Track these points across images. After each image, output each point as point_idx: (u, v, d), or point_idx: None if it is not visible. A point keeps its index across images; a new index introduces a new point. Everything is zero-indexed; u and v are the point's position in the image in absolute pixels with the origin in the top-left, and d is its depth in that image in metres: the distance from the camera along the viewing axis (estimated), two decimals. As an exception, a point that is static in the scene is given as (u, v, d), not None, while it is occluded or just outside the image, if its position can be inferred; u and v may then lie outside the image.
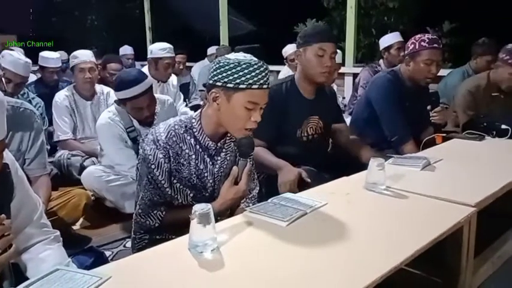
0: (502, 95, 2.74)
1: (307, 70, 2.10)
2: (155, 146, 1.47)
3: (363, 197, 1.57)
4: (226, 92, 1.40)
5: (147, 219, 1.52)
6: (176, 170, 1.50)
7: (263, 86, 1.40)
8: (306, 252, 1.15)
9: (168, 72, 3.68)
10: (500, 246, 1.81)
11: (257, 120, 1.44)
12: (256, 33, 7.82)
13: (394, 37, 3.89)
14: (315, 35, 2.07)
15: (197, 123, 1.51)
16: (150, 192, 1.50)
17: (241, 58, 1.40)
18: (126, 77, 2.43)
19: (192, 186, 1.54)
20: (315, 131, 2.20)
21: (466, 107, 2.76)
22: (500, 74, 2.69)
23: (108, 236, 2.43)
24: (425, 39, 2.38)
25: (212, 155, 1.55)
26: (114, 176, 2.56)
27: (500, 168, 1.91)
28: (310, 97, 2.17)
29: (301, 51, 2.10)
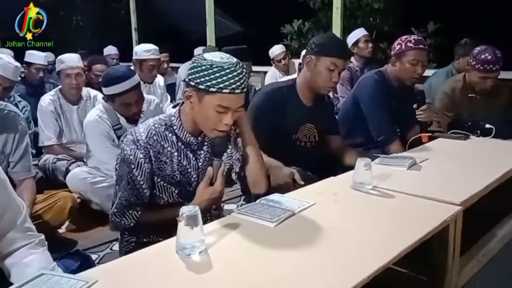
0: (478, 95, 2.78)
1: (314, 80, 2.07)
2: (135, 146, 1.46)
3: (350, 196, 1.57)
4: (198, 92, 1.39)
5: (122, 219, 1.52)
6: (158, 168, 1.50)
7: (235, 90, 1.37)
8: (294, 253, 1.15)
9: (153, 73, 3.66)
10: (485, 244, 1.83)
11: (228, 124, 1.43)
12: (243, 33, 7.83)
13: (359, 32, 4.04)
14: (332, 48, 2.03)
15: (177, 120, 1.51)
16: (128, 192, 1.49)
17: (216, 60, 1.37)
18: (114, 73, 2.43)
19: (176, 183, 1.53)
20: (309, 138, 2.19)
21: (444, 109, 2.79)
22: (472, 78, 2.74)
23: (94, 239, 2.41)
24: (411, 40, 2.41)
25: (195, 150, 1.55)
26: (99, 177, 2.54)
27: (485, 167, 1.94)
28: (308, 104, 2.15)
29: (313, 59, 2.05)
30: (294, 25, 6.03)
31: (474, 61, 2.68)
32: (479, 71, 2.67)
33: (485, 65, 2.63)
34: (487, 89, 2.71)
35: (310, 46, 2.10)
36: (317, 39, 2.11)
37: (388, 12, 5.83)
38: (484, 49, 2.67)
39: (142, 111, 2.56)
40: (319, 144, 2.23)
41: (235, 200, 2.88)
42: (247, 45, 3.78)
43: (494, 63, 2.62)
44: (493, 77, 2.67)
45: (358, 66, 3.93)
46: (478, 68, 2.66)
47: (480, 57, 2.65)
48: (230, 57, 1.41)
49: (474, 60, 2.68)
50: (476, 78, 2.71)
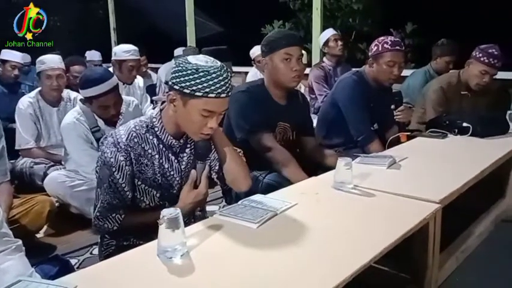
0: (470, 93, 2.84)
1: (276, 77, 2.06)
2: (116, 148, 1.44)
3: (332, 196, 1.59)
4: (183, 96, 1.38)
5: (105, 223, 1.50)
6: (139, 171, 1.48)
7: (221, 95, 1.36)
8: (276, 254, 1.15)
9: (133, 74, 3.61)
10: (464, 241, 1.87)
11: (213, 127, 1.42)
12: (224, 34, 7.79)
13: (328, 32, 4.11)
14: (279, 41, 2.04)
15: (158, 122, 1.49)
16: (110, 195, 1.47)
17: (200, 64, 1.36)
18: (91, 75, 2.39)
19: (158, 186, 1.52)
20: (283, 137, 2.17)
21: (437, 103, 2.82)
22: (471, 71, 2.78)
23: (74, 244, 2.36)
24: (388, 41, 2.44)
25: (177, 152, 1.53)
26: (78, 181, 2.50)
27: (463, 165, 1.98)
28: (282, 103, 2.14)
29: (267, 60, 2.07)
30: (275, 26, 6.04)
31: (480, 53, 2.73)
32: (483, 64, 2.71)
33: (490, 59, 2.68)
34: (481, 85, 2.76)
35: (261, 51, 2.12)
36: (264, 41, 2.11)
37: (367, 13, 5.90)
38: (491, 45, 2.74)
39: (121, 112, 2.53)
40: (295, 143, 2.23)
41: (217, 201, 2.86)
42: (227, 45, 3.77)
43: (498, 59, 2.69)
44: (493, 73, 2.73)
45: (330, 65, 3.98)
46: (483, 61, 2.71)
47: (487, 50, 2.71)
48: (215, 61, 1.40)
49: (481, 52, 2.73)
50: (476, 72, 2.75)
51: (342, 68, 3.99)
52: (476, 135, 2.44)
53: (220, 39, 7.07)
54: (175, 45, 5.76)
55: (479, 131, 2.45)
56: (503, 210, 2.26)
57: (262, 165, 2.04)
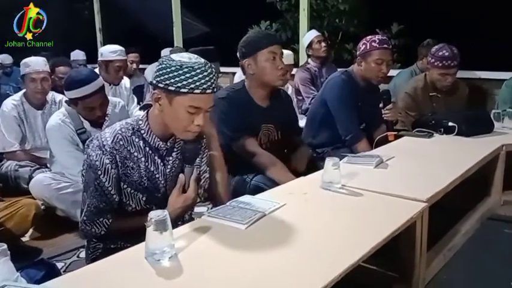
0: (439, 94, 2.87)
1: (262, 77, 2.04)
2: (101, 151, 1.42)
3: (320, 196, 1.59)
4: (168, 94, 1.37)
5: (92, 227, 1.48)
6: (125, 174, 1.46)
7: (206, 90, 1.36)
8: (265, 254, 1.15)
9: (120, 75, 3.59)
10: (451, 239, 1.89)
11: (200, 124, 1.40)
12: (211, 34, 7.78)
13: (311, 34, 4.13)
14: (261, 40, 2.03)
15: (145, 124, 1.48)
16: (96, 199, 1.45)
17: (184, 60, 1.35)
18: (77, 76, 2.36)
19: (144, 189, 1.50)
20: (268, 139, 2.17)
21: (407, 109, 2.86)
22: (432, 75, 2.82)
23: (60, 247, 2.34)
24: (375, 39, 2.47)
25: (163, 155, 1.51)
26: (64, 183, 2.47)
27: (449, 163, 2.00)
28: (264, 104, 2.13)
29: (249, 61, 2.04)
30: (262, 26, 6.05)
31: (433, 59, 2.77)
32: (438, 68, 2.75)
33: (443, 62, 2.72)
34: (448, 86, 2.80)
35: (240, 52, 2.08)
36: (243, 43, 2.08)
37: (354, 13, 5.94)
38: (441, 47, 2.77)
39: (107, 114, 2.51)
40: (281, 143, 2.23)
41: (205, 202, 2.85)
42: (214, 46, 3.76)
43: (452, 59, 2.72)
44: (452, 73, 2.77)
45: (316, 66, 4.00)
46: (437, 65, 2.75)
47: (438, 54, 2.74)
48: (198, 58, 1.39)
49: (433, 58, 2.77)
50: (436, 76, 2.79)
51: (327, 68, 4.01)
52: (462, 134, 2.47)
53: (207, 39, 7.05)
54: (162, 45, 5.73)
55: (464, 130, 2.48)
56: (489, 208, 2.28)
57: (249, 168, 2.04)
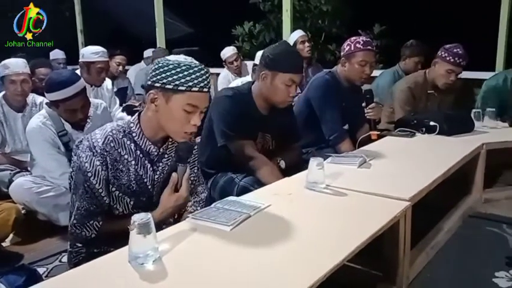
0: (436, 92, 2.91)
1: (271, 95, 2.03)
2: (91, 152, 1.40)
3: (305, 196, 1.60)
4: (165, 93, 1.36)
5: (82, 230, 1.45)
6: (114, 177, 1.44)
7: (203, 89, 1.37)
8: (250, 256, 1.14)
9: (102, 76, 3.53)
10: (433, 237, 1.92)
11: (196, 124, 1.40)
12: (194, 35, 7.75)
13: (295, 34, 4.13)
14: (289, 65, 1.98)
15: (136, 127, 1.46)
16: (87, 201, 1.43)
17: (181, 60, 1.37)
18: (58, 78, 2.32)
19: (132, 193, 1.48)
20: (263, 147, 2.16)
21: (405, 103, 2.89)
22: (437, 71, 2.85)
23: (42, 252, 2.29)
24: (360, 41, 2.48)
25: (154, 160, 1.49)
26: (45, 187, 2.42)
27: (431, 162, 2.02)
28: (265, 113, 2.11)
29: (268, 74, 1.99)
30: (245, 27, 6.05)
31: (446, 53, 2.81)
32: (448, 63, 2.79)
33: (455, 58, 2.76)
34: (448, 84, 2.83)
35: (264, 60, 2.02)
36: (272, 52, 2.01)
37: (336, 14, 5.98)
38: (456, 45, 2.82)
39: (89, 116, 2.47)
40: (274, 152, 2.21)
41: (190, 204, 2.84)
42: (198, 46, 3.74)
43: (463, 58, 2.77)
44: (458, 72, 2.82)
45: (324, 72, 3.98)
46: (448, 60, 2.78)
47: (452, 50, 2.79)
48: (192, 58, 1.41)
49: (446, 52, 2.81)
50: (443, 71, 2.82)
51: (313, 68, 4.02)
52: (443, 133, 2.51)
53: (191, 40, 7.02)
54: (144, 46, 5.68)
55: (445, 129, 2.52)
56: (470, 206, 2.32)
57: (239, 168, 2.03)
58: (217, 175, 2.11)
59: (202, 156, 2.06)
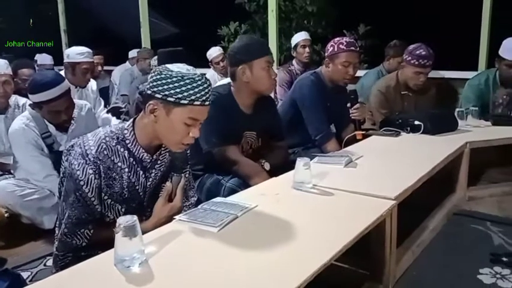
0: (410, 93, 2.95)
1: (256, 85, 2.03)
2: (84, 160, 1.36)
3: (292, 196, 1.60)
4: (166, 105, 1.33)
5: (73, 239, 1.42)
6: (107, 185, 1.41)
7: (205, 102, 1.35)
8: (238, 257, 1.14)
9: (87, 77, 3.49)
10: (419, 235, 1.94)
11: (195, 136, 1.39)
12: (179, 35, 7.71)
13: (299, 36, 4.09)
14: (257, 50, 2.02)
15: (130, 134, 1.43)
16: (78, 210, 1.40)
17: (184, 71, 1.34)
18: (42, 79, 2.29)
19: (124, 201, 1.46)
20: (251, 146, 2.17)
21: (379, 106, 2.92)
22: (406, 74, 2.89)
23: (26, 256, 2.25)
24: (343, 42, 2.50)
25: (147, 167, 1.47)
26: (29, 189, 2.38)
27: (416, 161, 2.05)
28: (248, 111, 2.11)
29: (245, 67, 2.01)
30: (231, 27, 6.03)
31: (410, 57, 2.84)
32: (414, 66, 2.82)
33: (420, 60, 2.79)
34: (419, 85, 2.87)
35: (234, 58, 2.04)
36: (237, 47, 2.04)
37: (322, 15, 6.01)
38: (418, 46, 2.84)
39: (73, 117, 2.44)
40: (261, 149, 2.22)
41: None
42: (183, 47, 3.72)
43: (428, 58, 2.80)
44: (426, 72, 2.85)
45: (299, 69, 3.97)
46: (413, 64, 2.82)
47: (415, 52, 2.81)
48: (194, 69, 1.38)
49: (410, 55, 2.84)
50: (411, 74, 2.86)
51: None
52: (427, 132, 2.54)
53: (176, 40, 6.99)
54: (129, 47, 5.64)
55: (430, 128, 2.55)
56: (454, 204, 2.35)
57: (225, 170, 2.03)
58: (204, 176, 2.10)
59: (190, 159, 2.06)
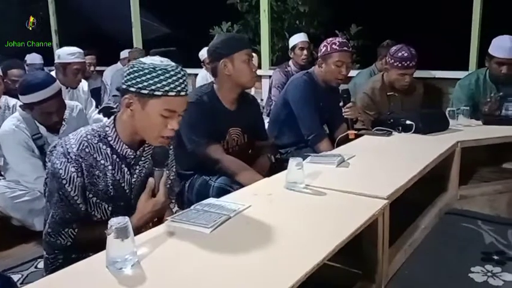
0: (396, 93, 2.96)
1: (237, 78, 2.04)
2: (66, 159, 1.36)
3: (284, 196, 1.60)
4: (141, 98, 1.33)
5: (57, 239, 1.41)
6: (91, 183, 1.40)
7: (180, 93, 1.34)
8: (231, 258, 1.14)
9: (78, 78, 3.47)
10: (411, 234, 1.94)
11: (174, 128, 1.38)
12: (171, 35, 7.69)
13: (298, 37, 4.06)
14: (239, 42, 2.06)
15: (112, 131, 1.43)
16: (62, 209, 1.39)
17: (157, 63, 1.33)
18: (33, 80, 2.28)
19: (110, 199, 1.45)
20: (237, 142, 2.17)
21: (366, 109, 2.93)
22: (391, 76, 2.90)
23: (16, 258, 2.23)
24: (336, 42, 2.51)
25: (131, 164, 1.47)
26: (20, 191, 2.36)
27: (408, 161, 2.05)
28: (232, 108, 2.13)
29: (226, 61, 2.02)
30: (223, 27, 6.03)
31: (392, 59, 2.85)
32: (397, 68, 2.83)
33: (402, 62, 2.80)
34: (405, 85, 2.88)
35: (214, 53, 2.06)
36: (218, 43, 2.06)
37: (314, 15, 6.02)
38: (400, 47, 2.85)
39: (64, 118, 2.43)
40: (247, 146, 2.23)
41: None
42: (175, 47, 3.71)
43: (410, 59, 2.80)
44: (410, 73, 2.86)
45: (295, 71, 3.94)
46: (396, 66, 2.83)
47: (397, 55, 2.82)
48: (169, 60, 1.37)
49: (392, 58, 2.85)
50: (395, 76, 2.87)
51: None
52: (419, 132, 2.55)
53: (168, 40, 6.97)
54: (121, 47, 5.61)
55: (421, 128, 2.56)
56: (446, 203, 2.37)
57: (212, 170, 2.03)
58: (193, 177, 2.11)
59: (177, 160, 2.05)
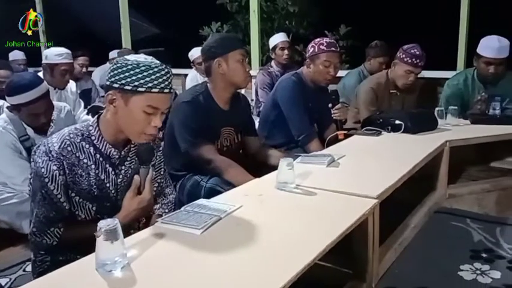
0: (398, 92, 2.99)
1: (231, 78, 2.05)
2: (47, 157, 1.35)
3: (275, 196, 1.60)
4: (124, 94, 1.32)
5: (43, 238, 1.40)
6: (73, 182, 1.39)
7: (164, 90, 1.33)
8: (221, 259, 1.13)
9: (66, 79, 3.43)
10: (401, 233, 1.96)
11: (157, 126, 1.37)
12: (160, 36, 7.65)
13: (278, 37, 4.06)
14: (233, 42, 2.08)
15: (95, 130, 1.41)
16: (45, 208, 1.38)
17: (140, 60, 1.33)
18: (20, 81, 2.25)
19: (93, 199, 1.43)
20: (230, 142, 2.18)
21: (369, 103, 2.95)
22: (397, 72, 2.93)
23: (4, 261, 2.20)
24: (323, 42, 2.52)
25: (115, 164, 1.45)
26: (7, 194, 2.33)
27: (397, 160, 2.07)
28: (225, 107, 2.13)
29: (221, 60, 2.03)
30: (213, 27, 6.01)
31: (403, 54, 2.87)
32: (407, 64, 2.85)
33: (413, 59, 2.83)
34: (408, 84, 2.91)
35: (209, 52, 2.07)
36: (212, 42, 2.08)
37: (303, 15, 6.03)
38: (413, 45, 2.89)
39: (52, 119, 2.40)
40: (239, 145, 2.24)
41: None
42: (165, 47, 3.70)
43: (421, 58, 2.84)
44: (417, 72, 2.89)
45: (278, 71, 3.95)
46: (406, 61, 2.85)
47: (410, 51, 2.85)
48: (153, 58, 1.37)
49: (404, 53, 2.87)
50: (401, 72, 2.89)
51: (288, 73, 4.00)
52: (408, 131, 2.57)
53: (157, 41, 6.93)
54: (110, 47, 5.56)
55: (410, 127, 2.58)
56: (435, 202, 2.39)
57: (204, 171, 2.03)
58: (184, 178, 2.10)
59: (169, 161, 2.05)
